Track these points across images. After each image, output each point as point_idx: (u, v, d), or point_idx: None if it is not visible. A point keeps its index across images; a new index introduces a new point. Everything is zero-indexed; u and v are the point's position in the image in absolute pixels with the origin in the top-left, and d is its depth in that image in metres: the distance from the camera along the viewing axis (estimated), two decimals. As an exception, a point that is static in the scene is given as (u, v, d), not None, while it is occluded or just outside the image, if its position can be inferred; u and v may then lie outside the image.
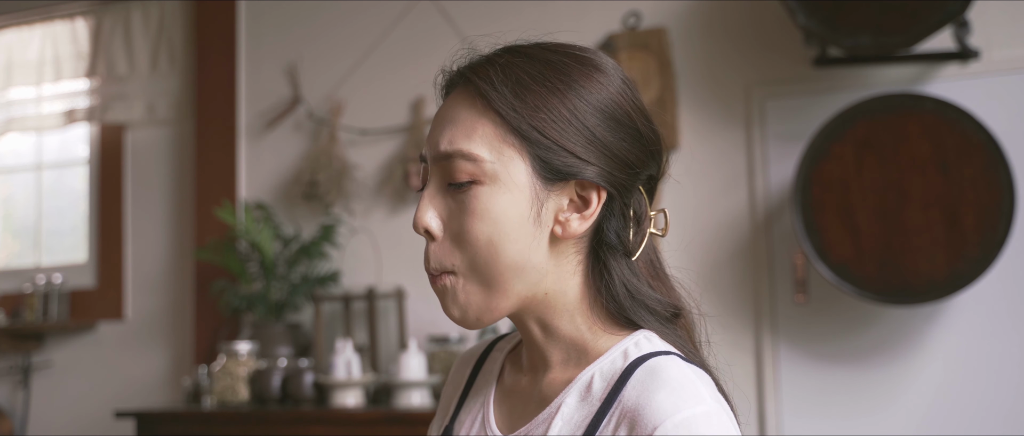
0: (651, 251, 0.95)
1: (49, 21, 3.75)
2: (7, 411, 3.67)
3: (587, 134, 0.86)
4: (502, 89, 0.86)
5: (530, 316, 0.91)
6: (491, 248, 0.86)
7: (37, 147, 3.89)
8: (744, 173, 2.83)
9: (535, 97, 0.86)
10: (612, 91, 0.88)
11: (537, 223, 0.86)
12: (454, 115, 0.88)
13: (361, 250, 3.24)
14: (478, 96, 0.87)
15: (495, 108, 0.86)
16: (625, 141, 0.88)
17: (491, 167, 0.85)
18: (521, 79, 0.86)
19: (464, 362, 1.06)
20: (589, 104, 0.87)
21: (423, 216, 0.88)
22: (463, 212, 0.86)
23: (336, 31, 3.34)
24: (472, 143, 0.86)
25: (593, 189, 0.87)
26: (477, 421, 0.96)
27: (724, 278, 2.81)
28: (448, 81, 0.92)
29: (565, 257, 0.89)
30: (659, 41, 2.91)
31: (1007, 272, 2.54)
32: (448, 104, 0.90)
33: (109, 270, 3.61)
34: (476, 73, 0.88)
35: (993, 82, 2.61)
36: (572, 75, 0.87)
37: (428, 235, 0.89)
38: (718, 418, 0.81)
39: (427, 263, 0.89)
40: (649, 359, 0.86)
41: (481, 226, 0.86)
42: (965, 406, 2.58)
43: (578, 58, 0.89)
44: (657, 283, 0.94)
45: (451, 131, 0.87)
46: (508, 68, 0.87)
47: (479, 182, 0.86)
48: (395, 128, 3.21)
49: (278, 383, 2.95)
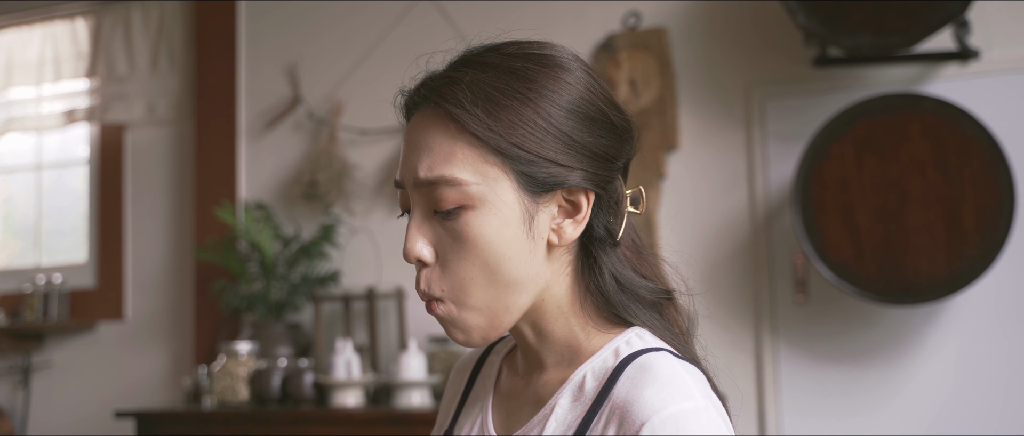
0: (632, 232, 0.95)
1: (49, 21, 3.74)
2: (7, 411, 3.67)
3: (566, 139, 0.85)
4: (474, 110, 0.83)
5: (525, 322, 0.91)
6: (489, 271, 0.85)
7: (37, 147, 3.89)
8: (744, 173, 2.83)
9: (508, 112, 0.84)
10: (581, 88, 0.87)
11: (531, 237, 0.86)
12: (428, 140, 0.86)
13: (361, 250, 3.24)
14: (450, 120, 0.84)
15: (470, 131, 0.83)
16: (602, 137, 0.87)
17: (477, 189, 0.84)
18: (491, 96, 0.84)
19: (462, 368, 1.07)
20: (561, 108, 0.85)
21: (413, 246, 0.86)
22: (456, 239, 0.85)
23: (336, 31, 3.34)
24: (453, 167, 0.84)
25: (581, 193, 0.87)
26: (476, 425, 0.97)
27: (724, 278, 2.81)
28: (409, 101, 0.90)
29: (557, 261, 0.89)
30: (659, 41, 2.91)
31: (1007, 272, 2.54)
32: (417, 128, 0.87)
33: (109, 270, 3.61)
34: (442, 96, 0.85)
35: (993, 82, 2.61)
36: (539, 81, 0.85)
37: (420, 263, 0.87)
38: (706, 414, 0.80)
39: (418, 287, 0.88)
40: (640, 355, 0.86)
41: (476, 252, 0.84)
42: (965, 406, 2.58)
43: (539, 59, 0.87)
44: (644, 265, 0.94)
45: (429, 158, 0.85)
46: (475, 86, 0.84)
47: (468, 207, 0.84)
48: (395, 128, 3.21)
49: (278, 383, 2.95)
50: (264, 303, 3.15)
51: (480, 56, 0.88)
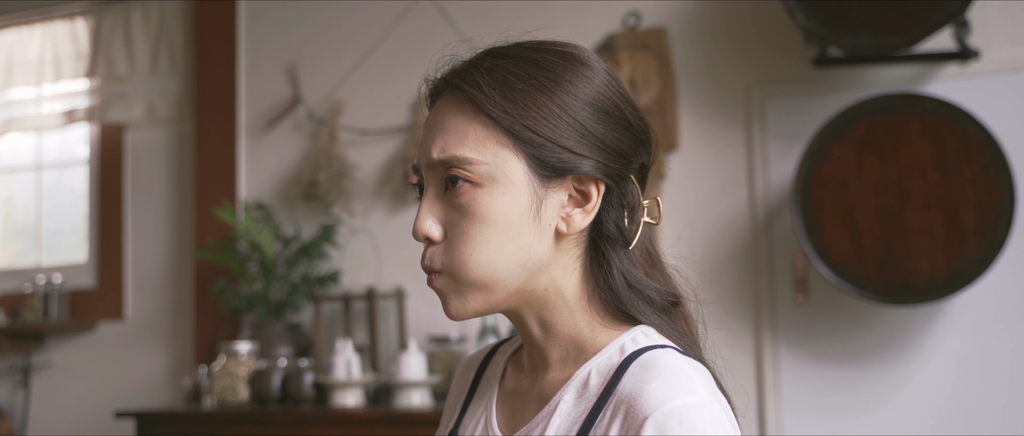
0: (647, 240, 0.95)
1: (49, 21, 3.75)
2: (7, 411, 3.67)
3: (579, 128, 0.87)
4: (490, 92, 0.86)
5: (530, 314, 0.91)
6: (491, 247, 0.86)
7: (37, 147, 3.89)
8: (744, 173, 2.83)
9: (524, 97, 0.86)
10: (598, 83, 0.89)
11: (537, 220, 0.87)
12: (444, 122, 0.89)
13: (361, 250, 3.24)
14: (467, 101, 0.87)
15: (485, 111, 0.86)
16: (616, 132, 0.89)
17: (487, 169, 0.86)
18: (508, 80, 0.87)
19: (467, 367, 1.07)
20: (578, 98, 0.87)
21: (423, 224, 0.89)
22: (463, 216, 0.87)
23: (336, 31, 3.34)
24: (465, 148, 0.86)
25: (591, 182, 0.88)
26: (480, 423, 0.97)
27: (724, 278, 2.81)
28: (433, 89, 0.92)
29: (565, 253, 0.90)
30: (659, 41, 2.91)
31: (1007, 272, 2.54)
32: (436, 112, 0.91)
33: (109, 270, 3.61)
34: (462, 78, 0.89)
35: (993, 82, 2.61)
36: (557, 71, 0.88)
37: (428, 242, 0.90)
38: (710, 408, 0.81)
39: (422, 262, 0.90)
40: (645, 352, 0.86)
41: (481, 226, 0.86)
42: (965, 406, 2.58)
43: (561, 54, 0.90)
44: (655, 272, 0.95)
45: (443, 138, 0.88)
46: (494, 71, 0.88)
47: (477, 185, 0.86)
48: (395, 128, 3.21)
49: (278, 383, 2.95)
50: (264, 303, 3.15)
51: (504, 48, 0.91)
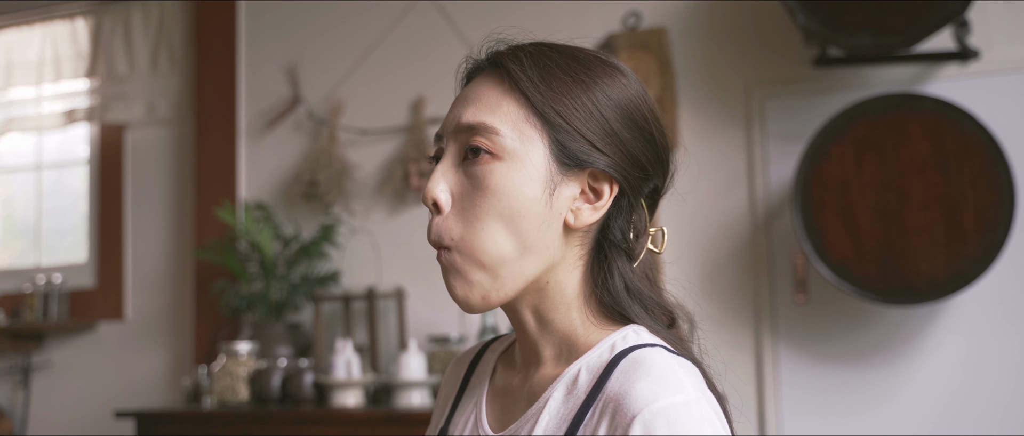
0: (648, 266, 0.96)
1: (49, 21, 3.75)
2: (7, 411, 3.67)
3: (606, 126, 0.89)
4: (530, 72, 0.89)
5: (527, 306, 0.92)
6: (502, 225, 0.87)
7: (37, 147, 3.89)
8: (744, 173, 2.83)
9: (561, 84, 0.89)
10: (632, 93, 0.91)
11: (549, 205, 0.88)
12: (479, 93, 0.90)
13: (361, 250, 3.24)
14: (506, 77, 0.90)
15: (521, 88, 0.88)
16: (639, 141, 0.91)
17: (511, 143, 0.87)
18: (549, 67, 0.89)
19: (458, 364, 1.08)
20: (610, 100, 0.90)
21: (433, 188, 0.89)
22: (476, 188, 0.87)
23: (336, 31, 3.34)
24: (496, 118, 0.88)
25: (605, 181, 0.89)
26: (470, 421, 0.97)
27: (724, 278, 2.81)
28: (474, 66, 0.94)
29: (570, 248, 0.90)
30: (659, 41, 2.90)
31: (1007, 272, 2.54)
32: (472, 85, 0.93)
33: (109, 270, 3.61)
34: (505, 57, 0.91)
35: (993, 82, 2.61)
36: (596, 71, 0.91)
37: (435, 208, 0.89)
38: (698, 408, 0.80)
39: (429, 234, 0.90)
40: (635, 351, 0.86)
41: (494, 202, 0.87)
42: (965, 406, 2.58)
43: (602, 60, 0.93)
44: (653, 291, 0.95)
45: (475, 106, 0.89)
46: (537, 56, 0.90)
47: (496, 157, 0.87)
48: (395, 128, 3.21)
49: (278, 383, 2.95)
50: (264, 303, 3.15)
51: (550, 41, 0.94)
